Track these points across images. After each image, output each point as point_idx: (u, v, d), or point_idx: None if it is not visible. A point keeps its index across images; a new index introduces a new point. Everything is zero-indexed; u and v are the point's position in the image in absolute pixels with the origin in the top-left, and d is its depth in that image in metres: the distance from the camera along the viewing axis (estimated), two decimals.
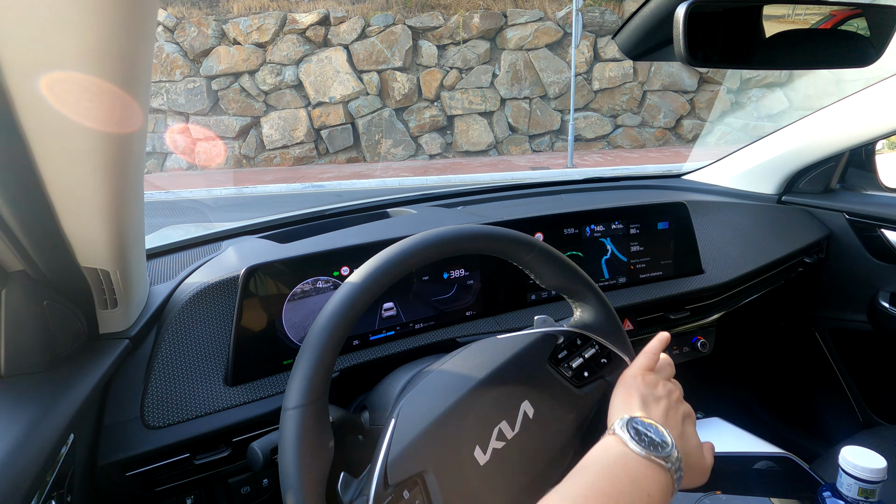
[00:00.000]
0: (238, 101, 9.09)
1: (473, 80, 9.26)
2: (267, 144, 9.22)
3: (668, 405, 0.51)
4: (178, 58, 8.98)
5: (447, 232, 0.50)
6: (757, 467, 0.95)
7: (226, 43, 9.04)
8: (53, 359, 0.56)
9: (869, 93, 1.05)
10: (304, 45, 9.00)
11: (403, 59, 9.04)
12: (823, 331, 1.30)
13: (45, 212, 0.46)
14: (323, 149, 9.34)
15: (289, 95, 9.09)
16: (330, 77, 8.97)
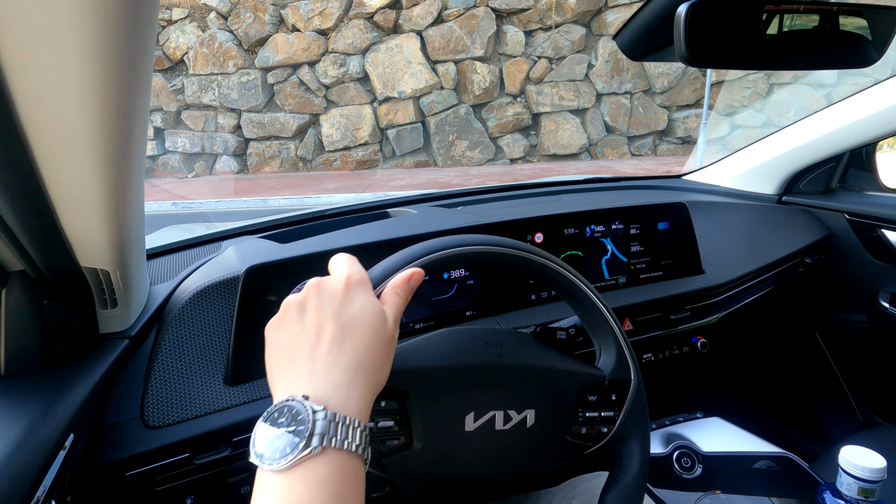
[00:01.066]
0: (296, 97, 8.02)
1: (565, 72, 7.82)
2: (326, 145, 8.14)
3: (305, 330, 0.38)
4: (231, 48, 7.97)
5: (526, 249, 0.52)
6: (757, 467, 0.95)
7: (284, 30, 7.93)
8: (53, 359, 0.56)
9: (870, 93, 1.05)
10: (372, 31, 7.82)
11: (485, 48, 7.71)
12: (824, 331, 1.30)
13: (45, 212, 0.46)
14: (388, 151, 8.20)
15: (352, 90, 7.94)
16: (400, 68, 7.76)
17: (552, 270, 0.53)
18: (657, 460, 0.96)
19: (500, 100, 8.07)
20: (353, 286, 0.42)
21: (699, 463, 0.95)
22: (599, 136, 8.16)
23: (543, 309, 0.92)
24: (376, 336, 0.40)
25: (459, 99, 8.06)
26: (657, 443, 1.01)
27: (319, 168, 8.33)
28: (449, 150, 8.09)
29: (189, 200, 6.73)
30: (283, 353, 0.39)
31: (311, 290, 0.42)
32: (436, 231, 0.87)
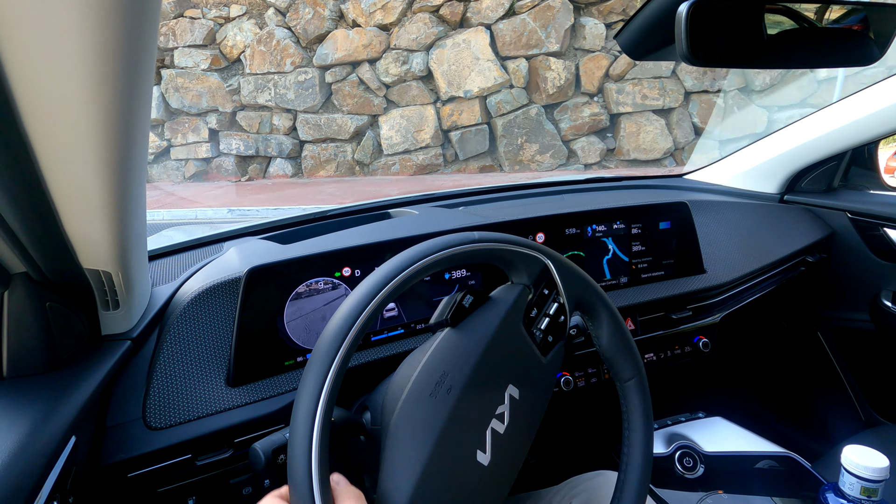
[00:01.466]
0: (354, 96, 7.32)
1: (650, 68, 6.88)
2: (385, 148, 7.39)
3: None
4: (289, 45, 7.35)
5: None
6: (759, 467, 0.95)
7: (344, 25, 7.28)
8: (55, 360, 0.56)
9: (872, 92, 1.05)
10: (437, 25, 7.01)
11: (560, 42, 6.80)
12: (826, 330, 1.30)
13: (47, 213, 0.46)
14: (451, 154, 7.40)
15: (415, 89, 7.19)
16: (467, 65, 6.96)
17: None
18: (659, 460, 0.96)
19: (575, 99, 7.11)
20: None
21: (701, 463, 0.95)
22: (686, 139, 7.12)
23: None
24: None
25: (530, 98, 7.15)
26: (659, 443, 1.00)
27: (377, 172, 7.68)
28: (517, 153, 7.21)
29: (245, 208, 6.36)
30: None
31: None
32: (437, 231, 0.87)
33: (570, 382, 0.91)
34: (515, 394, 0.54)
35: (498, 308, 0.55)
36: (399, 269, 0.51)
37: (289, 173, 7.90)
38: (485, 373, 0.52)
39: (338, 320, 0.48)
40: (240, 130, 7.92)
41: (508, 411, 0.53)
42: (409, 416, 0.50)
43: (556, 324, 0.58)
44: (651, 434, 0.61)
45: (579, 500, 0.74)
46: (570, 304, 0.58)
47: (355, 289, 0.50)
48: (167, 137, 7.86)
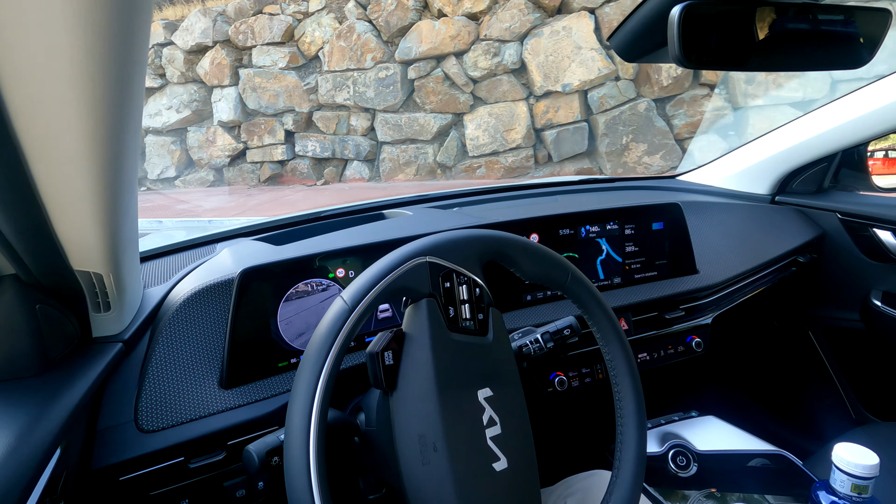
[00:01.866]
0: (439, 93, 6.58)
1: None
2: (470, 150, 6.62)
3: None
4: (370, 39, 6.73)
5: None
6: (752, 465, 0.96)
7: (429, 16, 6.60)
8: (46, 363, 0.55)
9: (862, 94, 1.06)
10: (534, 12, 6.20)
11: None
12: (817, 329, 1.31)
13: (37, 215, 0.45)
14: (543, 156, 6.53)
15: (506, 83, 6.37)
16: (566, 56, 6.03)
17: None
18: (653, 459, 0.97)
19: (693, 91, 6.05)
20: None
21: (694, 461, 0.95)
22: None
23: (539, 309, 0.93)
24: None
25: (639, 92, 6.12)
26: (653, 442, 1.01)
27: (460, 176, 6.86)
28: (621, 154, 6.21)
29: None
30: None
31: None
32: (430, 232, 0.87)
33: (564, 382, 0.92)
34: (488, 393, 0.54)
35: (419, 342, 0.53)
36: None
37: (365, 176, 7.35)
38: (453, 403, 0.51)
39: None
40: (316, 131, 7.46)
41: (494, 412, 0.53)
42: (418, 487, 0.50)
43: (477, 299, 0.56)
44: (639, 386, 0.61)
45: (574, 500, 0.74)
46: (475, 273, 0.57)
47: (323, 317, 0.49)
48: (243, 139, 7.54)
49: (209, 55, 7.39)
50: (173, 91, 7.62)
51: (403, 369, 0.52)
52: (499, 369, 0.56)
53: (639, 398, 0.60)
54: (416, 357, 0.52)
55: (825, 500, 0.67)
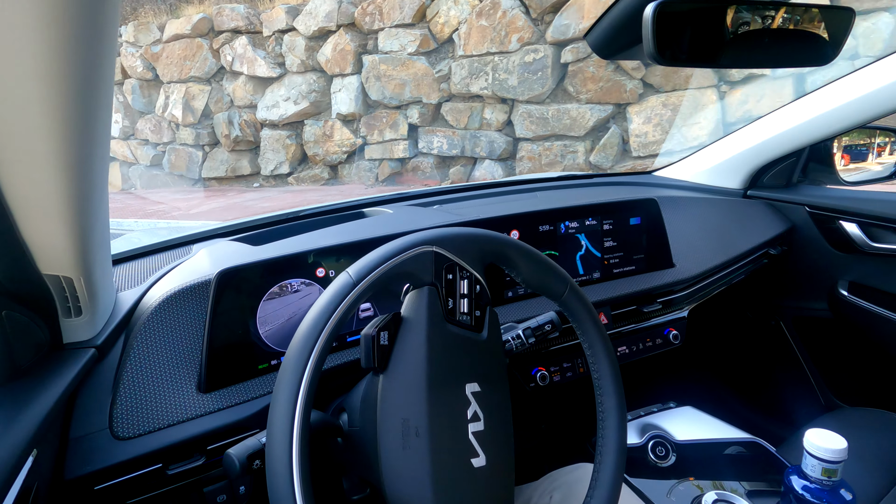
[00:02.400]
0: (600, 80, 5.38)
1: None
2: (635, 148, 5.36)
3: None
4: (518, 17, 5.61)
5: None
6: (727, 453, 0.98)
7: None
8: (13, 371, 0.53)
9: (828, 90, 1.09)
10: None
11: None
12: (787, 319, 1.35)
13: (2, 217, 0.43)
14: None
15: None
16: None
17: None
18: (633, 450, 0.99)
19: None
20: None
21: (673, 451, 0.98)
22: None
23: (520, 305, 0.93)
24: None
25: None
26: (633, 433, 1.03)
27: None
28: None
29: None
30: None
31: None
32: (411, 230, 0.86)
33: (546, 377, 0.92)
34: (476, 388, 0.54)
35: (416, 327, 0.53)
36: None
37: (497, 178, 6.21)
38: (440, 392, 0.52)
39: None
40: (444, 126, 6.40)
41: (479, 408, 0.53)
42: (396, 473, 0.50)
43: (477, 296, 0.57)
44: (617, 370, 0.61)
45: (559, 494, 0.75)
46: (478, 270, 0.57)
47: (326, 289, 0.49)
48: (363, 134, 6.65)
49: (331, 41, 6.53)
50: (292, 81, 6.85)
51: (397, 351, 0.53)
52: (488, 367, 0.56)
53: (621, 405, 0.61)
54: (411, 341, 0.53)
55: (797, 485, 0.69)
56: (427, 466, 0.49)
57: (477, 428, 0.53)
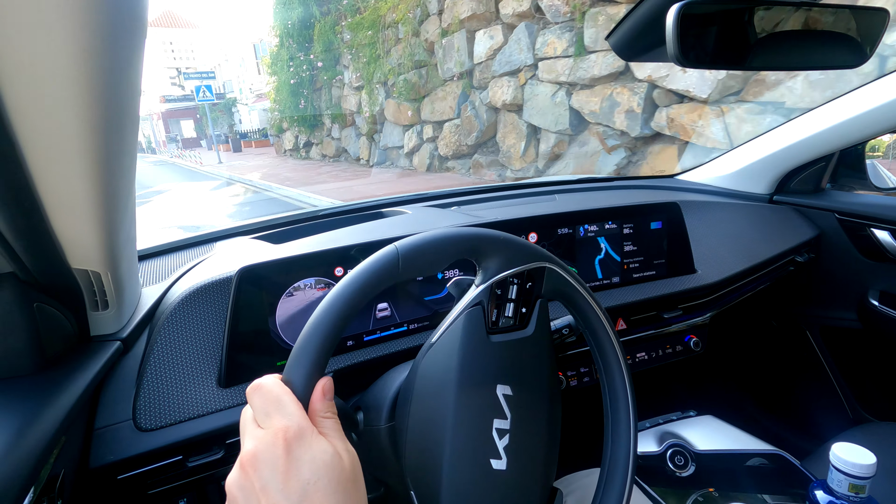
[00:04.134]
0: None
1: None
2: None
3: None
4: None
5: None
6: (749, 464, 0.96)
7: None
8: (43, 362, 0.55)
9: (860, 93, 1.06)
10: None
11: None
12: (814, 329, 1.31)
13: (35, 213, 0.45)
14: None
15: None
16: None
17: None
18: (650, 459, 0.97)
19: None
20: (293, 444, 0.35)
21: (692, 461, 0.96)
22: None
23: None
24: (339, 487, 0.35)
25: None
26: (651, 441, 1.01)
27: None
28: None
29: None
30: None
31: (249, 468, 0.35)
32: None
33: (563, 382, 0.92)
34: (507, 391, 0.52)
35: (453, 340, 0.51)
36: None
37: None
38: (466, 395, 0.50)
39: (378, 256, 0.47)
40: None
41: (508, 410, 0.51)
42: (412, 471, 0.50)
43: (525, 293, 0.54)
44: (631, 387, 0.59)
45: (573, 498, 0.74)
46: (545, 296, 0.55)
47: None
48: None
49: None
50: None
51: (435, 350, 0.52)
52: (527, 366, 0.54)
53: (631, 399, 0.59)
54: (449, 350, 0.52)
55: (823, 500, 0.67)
56: (440, 462, 0.48)
57: (502, 428, 0.51)
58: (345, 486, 0.35)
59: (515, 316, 0.54)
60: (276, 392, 0.38)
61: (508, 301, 0.53)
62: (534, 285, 0.55)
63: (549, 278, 0.55)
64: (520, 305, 0.54)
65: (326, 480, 0.34)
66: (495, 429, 0.50)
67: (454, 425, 0.49)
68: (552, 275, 0.55)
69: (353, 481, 0.36)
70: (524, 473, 0.51)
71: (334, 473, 0.35)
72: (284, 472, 0.34)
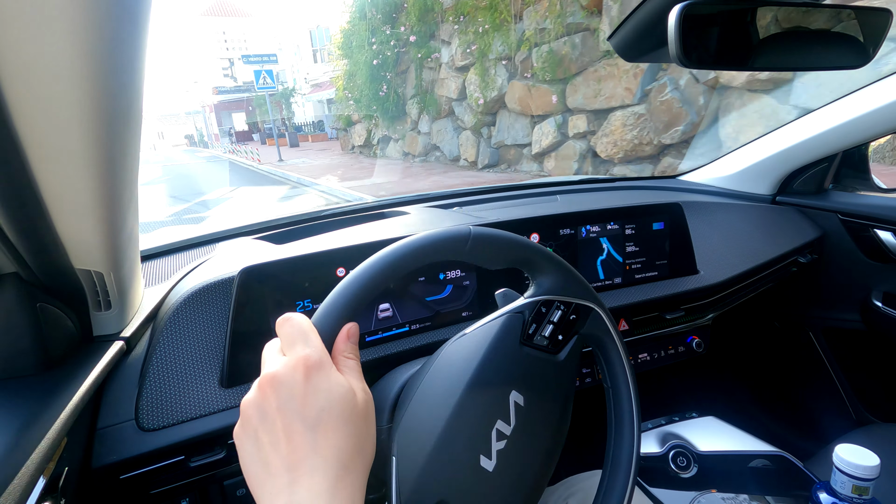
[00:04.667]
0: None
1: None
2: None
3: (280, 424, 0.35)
4: None
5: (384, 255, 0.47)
6: (752, 465, 0.95)
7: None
8: (46, 361, 0.55)
9: (863, 94, 1.06)
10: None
11: None
12: (817, 330, 1.31)
13: (38, 213, 0.45)
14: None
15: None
16: None
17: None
18: (653, 460, 0.97)
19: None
20: (312, 372, 0.36)
21: (695, 462, 0.95)
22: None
23: None
24: (351, 420, 0.36)
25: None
26: (653, 442, 1.01)
27: None
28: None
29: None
30: (256, 466, 0.35)
31: (268, 389, 0.36)
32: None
33: None
34: (519, 399, 0.51)
35: (483, 339, 0.52)
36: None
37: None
38: (475, 393, 0.50)
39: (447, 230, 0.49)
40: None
41: (514, 416, 0.51)
42: (401, 451, 0.49)
43: (566, 324, 0.55)
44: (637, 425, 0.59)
45: (575, 500, 0.74)
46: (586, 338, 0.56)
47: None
48: None
49: None
50: None
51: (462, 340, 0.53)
52: (548, 384, 0.54)
53: (635, 401, 0.59)
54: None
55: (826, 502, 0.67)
56: (430, 441, 0.47)
57: (502, 432, 0.50)
58: (355, 421, 0.37)
59: (551, 339, 0.55)
60: (303, 326, 0.40)
61: (548, 322, 0.55)
62: (577, 320, 0.56)
63: (592, 321, 0.57)
64: (557, 332, 0.55)
65: (339, 411, 0.36)
66: (496, 429, 0.49)
67: (454, 414, 0.48)
68: (597, 320, 0.57)
69: (363, 418, 0.38)
70: (510, 482, 0.49)
71: (347, 406, 0.36)
72: (302, 396, 0.35)
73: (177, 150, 29.78)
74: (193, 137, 37.77)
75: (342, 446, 0.35)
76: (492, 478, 0.48)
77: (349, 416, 0.36)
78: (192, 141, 36.62)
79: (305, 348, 0.38)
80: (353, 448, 0.36)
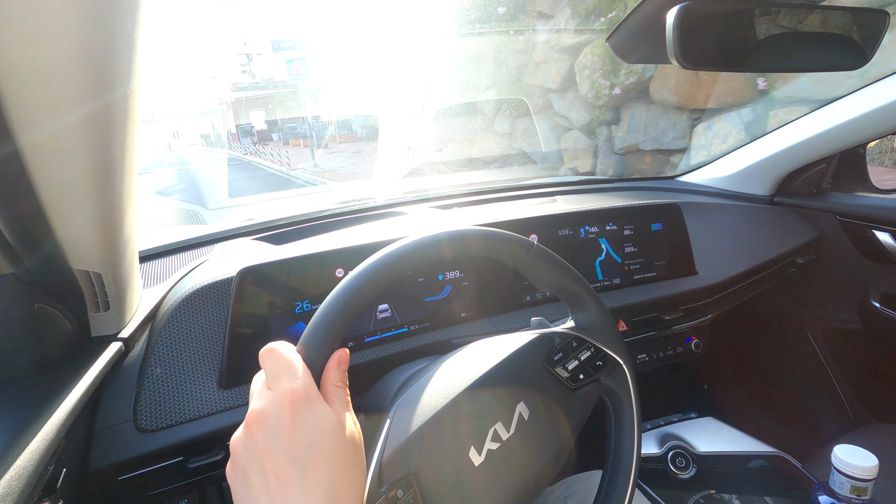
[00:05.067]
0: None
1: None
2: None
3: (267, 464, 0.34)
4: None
5: (445, 234, 0.49)
6: (751, 466, 0.96)
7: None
8: (44, 362, 0.55)
9: (860, 95, 1.06)
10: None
11: None
12: (815, 330, 1.31)
13: (36, 214, 0.45)
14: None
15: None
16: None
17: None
18: (652, 460, 0.97)
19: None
20: (298, 406, 0.36)
21: (693, 463, 0.95)
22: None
23: (538, 310, 0.93)
24: (341, 453, 0.36)
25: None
26: (652, 443, 1.01)
27: None
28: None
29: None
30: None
31: (254, 428, 0.36)
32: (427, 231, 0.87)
33: None
34: (525, 410, 0.52)
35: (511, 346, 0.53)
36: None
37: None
38: (481, 391, 0.50)
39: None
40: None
41: (515, 424, 0.51)
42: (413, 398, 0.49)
43: (592, 365, 0.56)
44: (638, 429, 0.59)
45: (574, 500, 0.74)
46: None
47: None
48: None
49: None
50: None
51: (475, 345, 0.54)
52: (559, 412, 0.54)
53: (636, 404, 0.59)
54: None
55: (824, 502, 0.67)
56: (424, 419, 0.47)
57: (500, 434, 0.50)
58: (346, 453, 0.36)
59: (573, 374, 0.55)
60: (287, 357, 0.38)
61: (575, 358, 0.55)
62: (602, 368, 0.57)
63: (617, 376, 0.57)
64: (580, 370, 0.55)
65: (328, 445, 0.35)
66: (494, 429, 0.49)
67: (461, 398, 0.49)
68: (621, 376, 0.57)
69: (354, 450, 0.37)
70: (489, 484, 0.49)
71: (336, 439, 0.36)
72: (289, 433, 0.35)
73: (193, 149, 29.11)
74: (210, 137, 36.95)
75: (331, 482, 0.35)
76: (474, 472, 0.47)
77: (338, 450, 0.36)
78: (208, 140, 35.80)
79: (291, 382, 0.37)
80: (343, 482, 0.35)
